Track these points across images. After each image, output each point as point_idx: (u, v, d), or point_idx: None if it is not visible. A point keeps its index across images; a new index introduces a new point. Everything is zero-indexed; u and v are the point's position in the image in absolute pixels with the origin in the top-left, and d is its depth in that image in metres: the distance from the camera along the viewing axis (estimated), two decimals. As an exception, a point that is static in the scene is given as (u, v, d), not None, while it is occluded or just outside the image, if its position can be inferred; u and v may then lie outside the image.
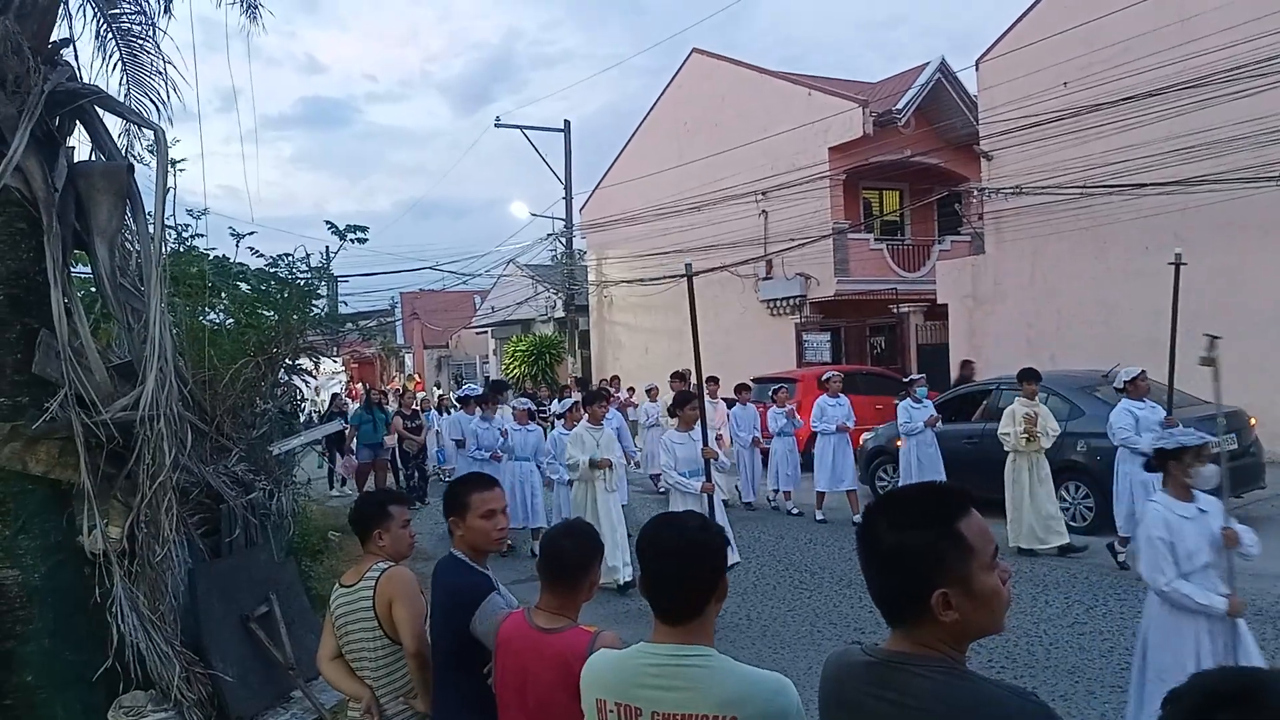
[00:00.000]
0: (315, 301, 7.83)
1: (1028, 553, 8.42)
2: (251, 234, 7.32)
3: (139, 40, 6.05)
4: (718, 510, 6.91)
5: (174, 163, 6.18)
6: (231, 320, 7.51)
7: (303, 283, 7.43)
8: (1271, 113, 11.83)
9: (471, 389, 11.83)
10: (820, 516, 10.79)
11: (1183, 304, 7.37)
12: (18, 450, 4.33)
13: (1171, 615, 3.74)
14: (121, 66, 5.99)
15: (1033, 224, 15.23)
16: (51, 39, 4.92)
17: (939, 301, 17.91)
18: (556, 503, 9.54)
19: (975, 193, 16.89)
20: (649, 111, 25.06)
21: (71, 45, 5.14)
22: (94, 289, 5.06)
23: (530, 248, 26.90)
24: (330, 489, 14.56)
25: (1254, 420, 9.48)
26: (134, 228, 4.89)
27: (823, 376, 11.66)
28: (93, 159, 5.02)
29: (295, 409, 8.64)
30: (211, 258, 7.35)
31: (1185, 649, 3.64)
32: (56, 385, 4.34)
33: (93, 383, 4.38)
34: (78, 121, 4.94)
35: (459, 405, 11.97)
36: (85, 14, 5.71)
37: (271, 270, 7.36)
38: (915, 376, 11.10)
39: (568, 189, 25.61)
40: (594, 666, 2.05)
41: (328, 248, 7.99)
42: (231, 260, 7.33)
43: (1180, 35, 12.75)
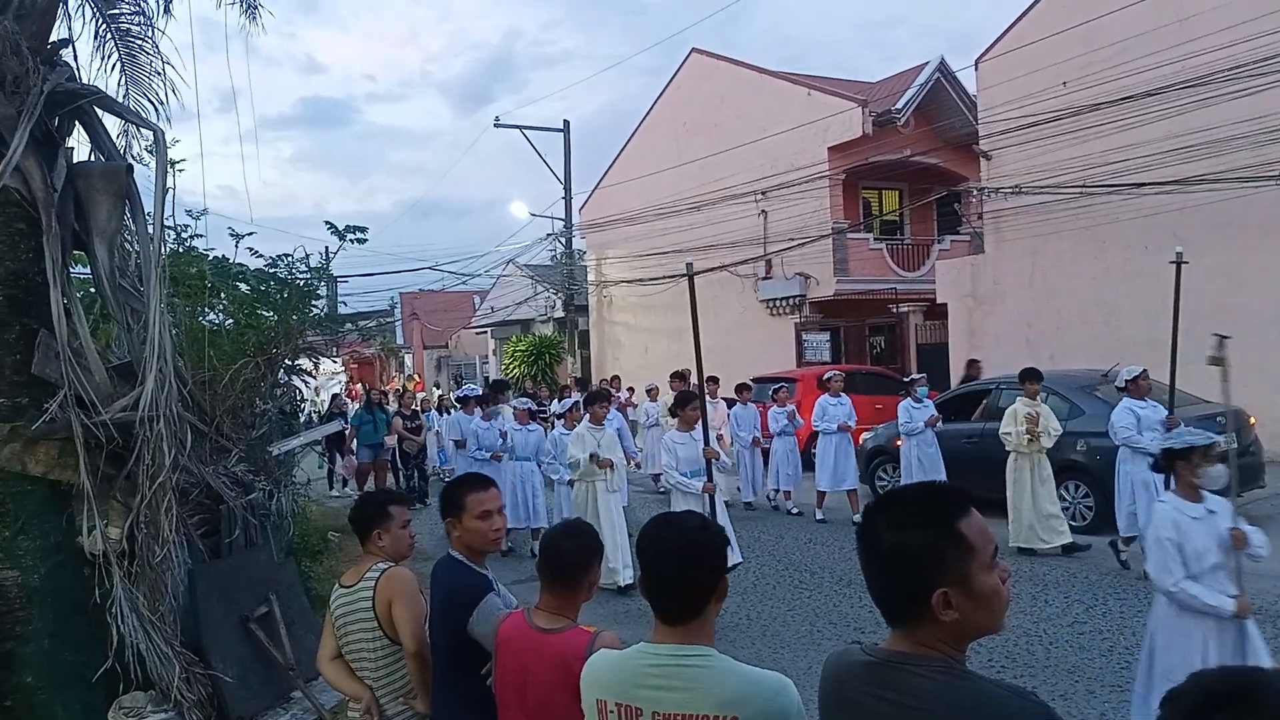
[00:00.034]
0: (315, 302, 7.83)
1: (1028, 552, 8.42)
2: (251, 234, 7.34)
3: (138, 40, 6.04)
4: (719, 510, 6.89)
5: (173, 163, 6.18)
6: (231, 321, 7.51)
7: (302, 283, 7.43)
8: (1270, 112, 11.83)
9: (471, 389, 11.82)
10: (820, 516, 10.79)
11: (1182, 303, 7.35)
12: (17, 451, 4.33)
13: (1179, 616, 3.71)
14: (120, 67, 5.98)
15: (1032, 223, 15.23)
16: (51, 39, 4.92)
17: (938, 301, 17.93)
18: (558, 502, 9.54)
19: (974, 192, 16.90)
20: (648, 111, 25.06)
21: (71, 46, 5.14)
22: (93, 289, 5.06)
23: (530, 248, 26.95)
24: (330, 489, 14.55)
25: (1253, 420, 9.49)
26: (133, 228, 4.89)
27: (824, 376, 11.65)
28: (92, 159, 5.02)
29: (295, 409, 8.63)
30: (211, 258, 7.35)
31: (1193, 650, 3.62)
32: (56, 386, 4.34)
33: (92, 383, 4.38)
34: (77, 122, 4.94)
35: (459, 405, 11.96)
36: (84, 14, 5.71)
37: (271, 270, 7.37)
38: (916, 376, 11.06)
39: (567, 189, 25.62)
40: (594, 667, 2.05)
41: (327, 248, 8.00)
42: (231, 261, 7.33)
43: (1179, 35, 12.75)
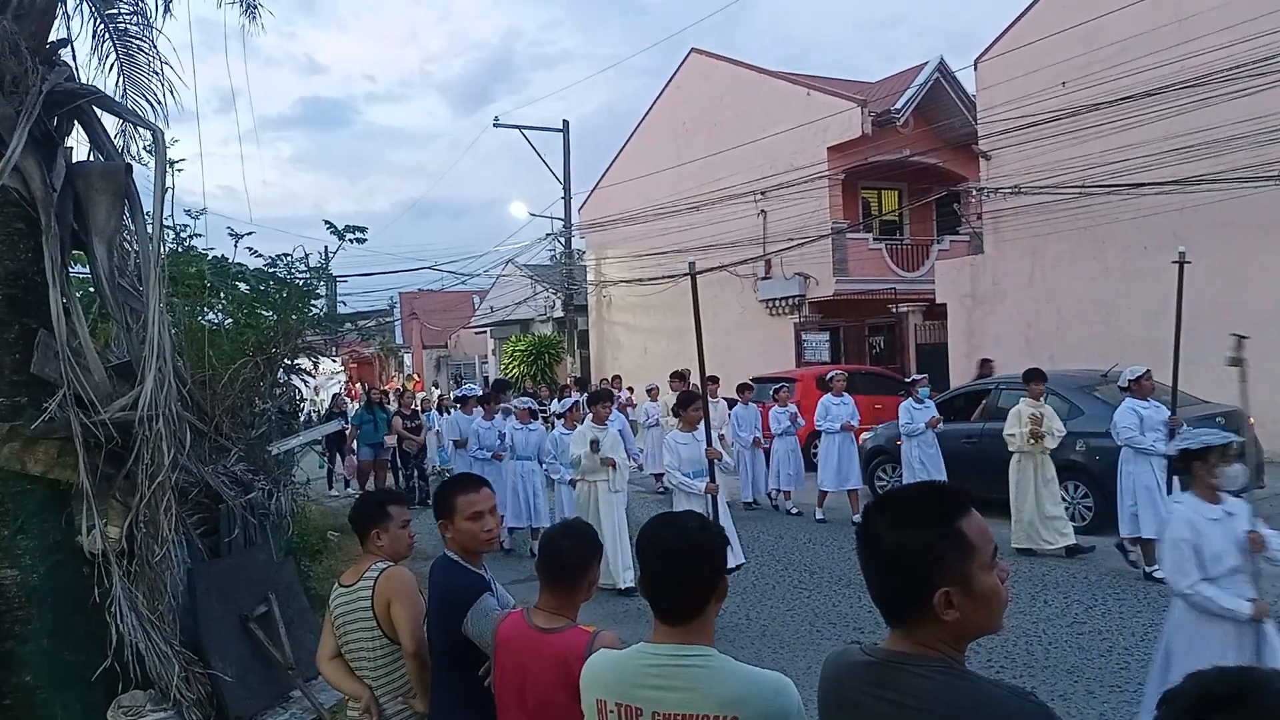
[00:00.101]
0: (314, 301, 7.83)
1: (1027, 552, 8.42)
2: (250, 234, 7.33)
3: (136, 41, 6.04)
4: (721, 511, 6.85)
5: (172, 163, 6.17)
6: (230, 320, 7.50)
7: (301, 283, 7.42)
8: (1270, 112, 11.84)
9: (470, 389, 11.81)
10: (820, 516, 10.78)
11: (1182, 303, 7.35)
12: (16, 450, 4.33)
13: (1197, 620, 3.65)
14: (118, 67, 5.98)
15: (1031, 224, 15.23)
16: (49, 39, 4.92)
17: (938, 301, 17.92)
18: (559, 502, 9.54)
19: (974, 192, 16.90)
20: (648, 111, 25.06)
21: (69, 45, 5.14)
22: (92, 289, 5.05)
23: (529, 248, 26.93)
24: (329, 489, 14.56)
25: (1252, 420, 9.47)
26: (132, 228, 4.89)
27: (827, 375, 11.62)
28: (91, 159, 5.02)
29: (294, 409, 8.63)
30: (210, 258, 7.35)
31: (1211, 654, 3.50)
32: (55, 385, 4.34)
33: (91, 383, 4.37)
34: (76, 122, 4.93)
35: (458, 405, 11.96)
36: (82, 14, 5.71)
37: (270, 270, 7.36)
38: (917, 377, 10.97)
39: (566, 189, 25.61)
40: (594, 667, 2.05)
41: (326, 248, 8.00)
42: (230, 260, 7.32)
43: (1178, 35, 12.76)
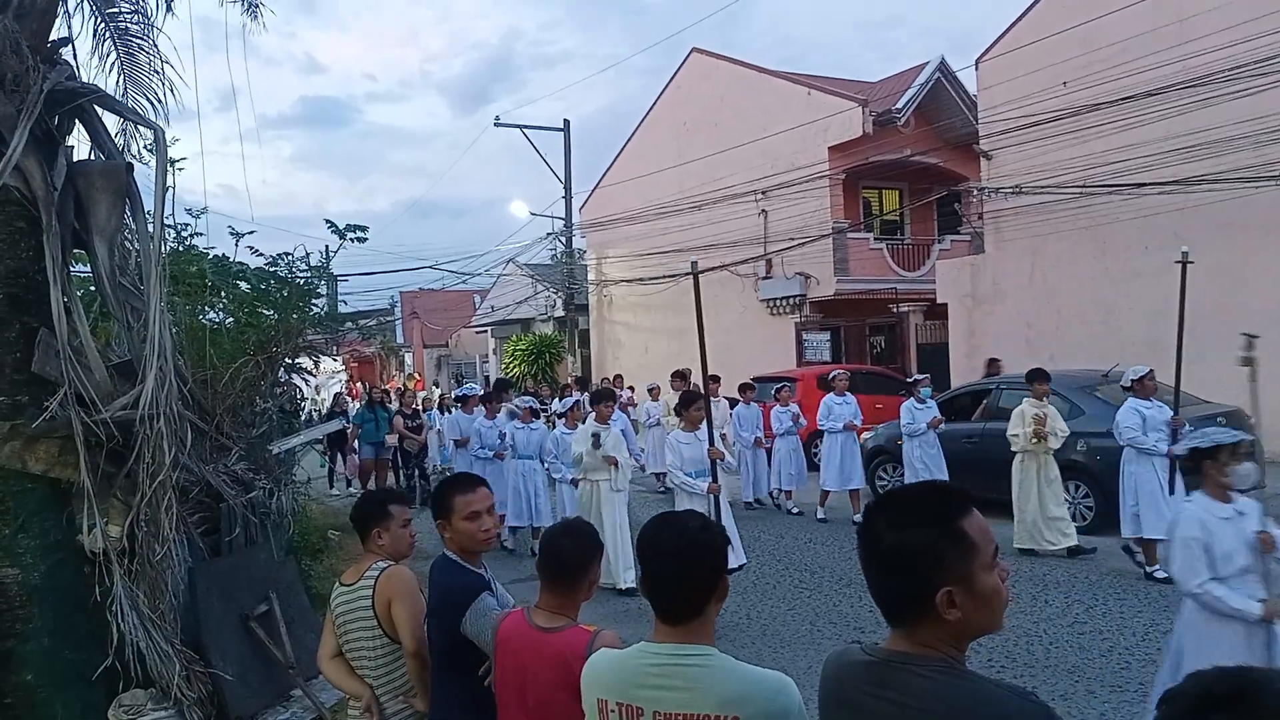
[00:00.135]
0: (315, 300, 7.84)
1: (1028, 552, 8.41)
2: (251, 233, 7.34)
3: (137, 40, 6.04)
4: (724, 511, 6.80)
5: (173, 162, 6.17)
6: (231, 319, 7.51)
7: (302, 282, 7.43)
8: (1271, 112, 11.83)
9: (470, 388, 11.82)
10: (821, 515, 10.78)
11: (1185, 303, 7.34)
12: (17, 449, 4.33)
13: (1208, 621, 3.61)
14: (119, 65, 5.98)
15: (1032, 223, 15.23)
16: (50, 38, 4.92)
17: (938, 301, 17.92)
18: (560, 501, 9.54)
19: (975, 192, 16.90)
20: (648, 111, 25.06)
21: (70, 44, 5.14)
22: (93, 288, 5.05)
23: (530, 247, 26.94)
24: (330, 488, 14.57)
25: (1253, 420, 9.46)
26: (133, 227, 4.88)
27: (830, 375, 11.60)
28: (92, 158, 5.02)
29: (295, 408, 8.64)
30: (211, 257, 7.36)
31: (1221, 654, 3.44)
32: (56, 384, 4.34)
33: (92, 382, 4.37)
34: (77, 120, 4.93)
35: (459, 405, 11.96)
36: (83, 12, 5.70)
37: (271, 269, 7.37)
38: (919, 377, 10.91)
39: (567, 188, 25.60)
40: (595, 666, 2.05)
41: (327, 247, 7.99)
42: (231, 259, 7.33)
43: (1179, 35, 12.76)
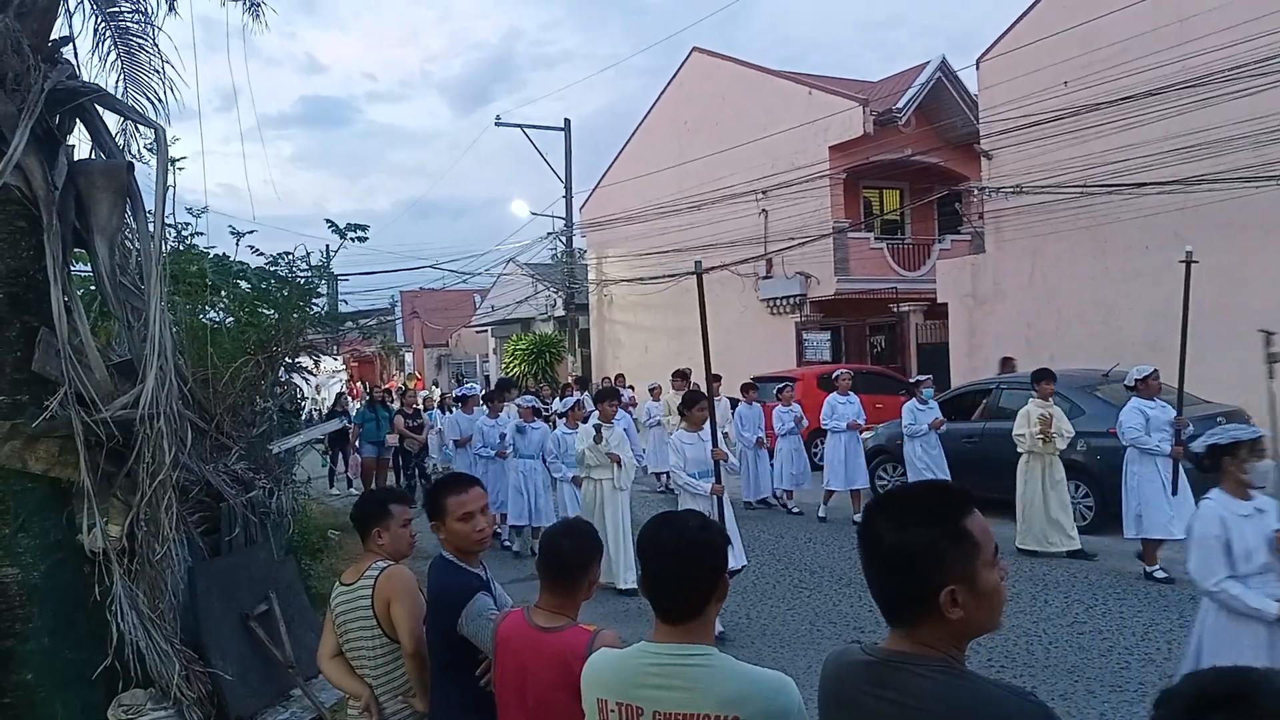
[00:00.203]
0: (315, 300, 7.84)
1: (1029, 553, 8.41)
2: (251, 232, 7.35)
3: (137, 39, 6.04)
4: (726, 512, 6.73)
5: (174, 161, 6.16)
6: (231, 319, 7.51)
7: (303, 281, 7.43)
8: (1271, 112, 11.82)
9: (471, 388, 11.83)
10: (822, 515, 10.78)
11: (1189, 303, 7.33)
12: (17, 448, 4.33)
13: (1228, 621, 3.57)
14: (120, 65, 5.98)
15: (1033, 223, 15.22)
16: (51, 37, 4.92)
17: (939, 301, 17.91)
18: (561, 500, 9.55)
19: (975, 192, 16.89)
20: (649, 110, 25.05)
21: (71, 43, 5.14)
22: (94, 287, 5.05)
23: (530, 246, 26.91)
24: (330, 488, 14.58)
25: (1253, 420, 9.48)
26: (134, 226, 4.88)
27: (833, 374, 11.59)
28: (93, 157, 5.01)
29: (295, 407, 8.64)
30: (211, 256, 7.36)
31: (1241, 655, 3.41)
32: (56, 383, 4.34)
33: (93, 381, 4.37)
34: (77, 119, 4.93)
35: (459, 404, 11.96)
36: (84, 11, 5.70)
37: (271, 268, 7.37)
38: (921, 378, 10.87)
39: (568, 188, 25.59)
40: (595, 666, 2.05)
41: (328, 246, 8.00)
42: (231, 259, 7.34)
43: (1179, 35, 12.75)
